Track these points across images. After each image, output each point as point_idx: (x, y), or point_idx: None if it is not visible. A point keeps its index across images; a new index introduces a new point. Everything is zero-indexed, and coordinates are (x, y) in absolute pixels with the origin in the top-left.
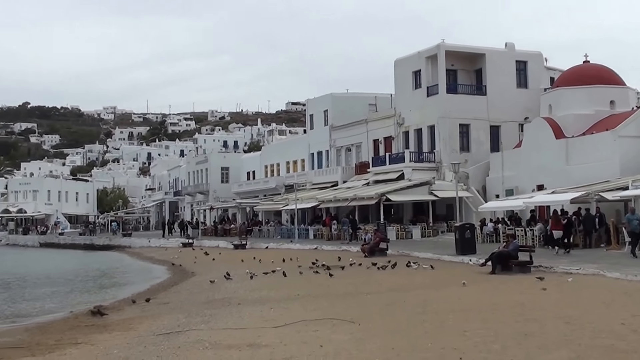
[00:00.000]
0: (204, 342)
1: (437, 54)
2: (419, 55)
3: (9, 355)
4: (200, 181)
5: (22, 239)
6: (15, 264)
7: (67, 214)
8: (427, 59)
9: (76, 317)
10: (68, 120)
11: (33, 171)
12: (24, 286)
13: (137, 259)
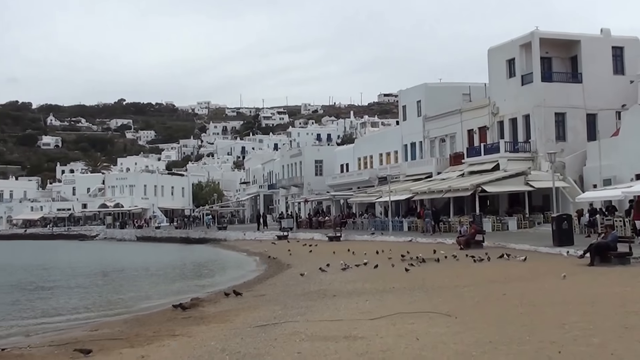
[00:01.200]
0: (300, 334)
1: (531, 41)
2: (512, 44)
3: (109, 346)
4: (294, 174)
5: (119, 233)
6: (114, 257)
7: (163, 208)
8: (521, 47)
9: (174, 310)
10: (163, 116)
11: (129, 166)
12: (123, 278)
13: (233, 251)
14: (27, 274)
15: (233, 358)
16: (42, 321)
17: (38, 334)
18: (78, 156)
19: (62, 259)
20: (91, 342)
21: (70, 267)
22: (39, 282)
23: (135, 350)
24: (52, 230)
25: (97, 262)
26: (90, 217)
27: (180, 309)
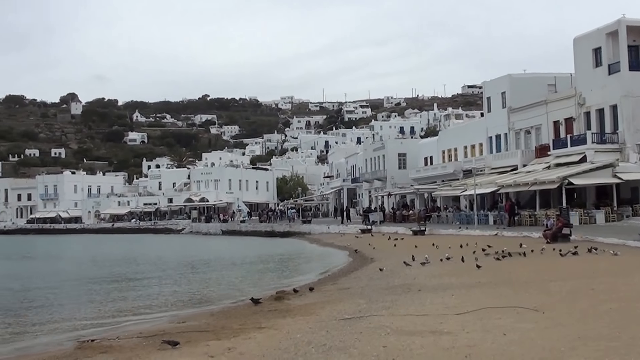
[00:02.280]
0: (385, 328)
1: (617, 30)
2: (598, 32)
3: (196, 338)
4: (378, 168)
5: (204, 227)
6: (200, 250)
7: (248, 202)
8: (607, 36)
9: (260, 302)
10: (247, 111)
11: (214, 161)
12: (210, 271)
13: (317, 245)
14: (116, 267)
15: (319, 351)
16: (131, 313)
17: (127, 325)
18: (163, 151)
19: (149, 252)
20: (178, 334)
21: (158, 260)
22: (128, 275)
23: (222, 343)
24: (139, 225)
25: (184, 255)
26: (176, 212)
27: (254, 303)
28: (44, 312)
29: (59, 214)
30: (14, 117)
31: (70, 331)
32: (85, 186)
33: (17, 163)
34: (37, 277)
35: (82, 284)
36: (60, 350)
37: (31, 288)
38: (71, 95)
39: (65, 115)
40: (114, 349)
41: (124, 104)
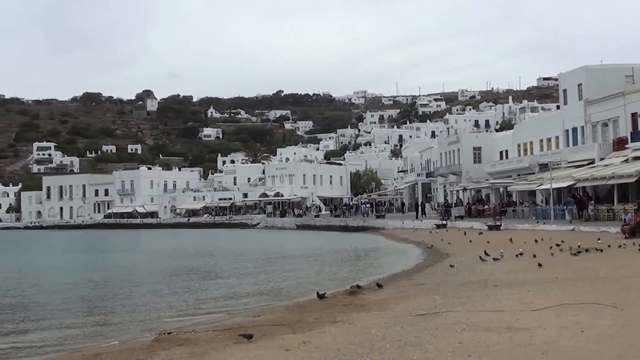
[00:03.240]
0: (461, 323)
1: None
2: None
3: (271, 331)
4: (452, 162)
5: (279, 222)
6: (275, 244)
7: (322, 197)
8: None
9: (334, 297)
10: (320, 106)
11: (288, 156)
12: (285, 265)
13: (391, 240)
14: (193, 261)
15: (394, 346)
16: (207, 306)
17: (203, 318)
18: (238, 147)
19: (225, 246)
20: (254, 327)
21: (234, 254)
22: (204, 268)
23: (297, 336)
24: (214, 219)
25: (259, 250)
26: (251, 206)
27: (319, 298)
28: (123, 305)
29: (135, 209)
30: (91, 115)
31: (147, 324)
32: (161, 181)
33: (95, 159)
34: (116, 270)
35: (160, 277)
36: (138, 342)
37: (111, 281)
38: (147, 92)
39: (141, 112)
40: (190, 342)
41: (198, 100)
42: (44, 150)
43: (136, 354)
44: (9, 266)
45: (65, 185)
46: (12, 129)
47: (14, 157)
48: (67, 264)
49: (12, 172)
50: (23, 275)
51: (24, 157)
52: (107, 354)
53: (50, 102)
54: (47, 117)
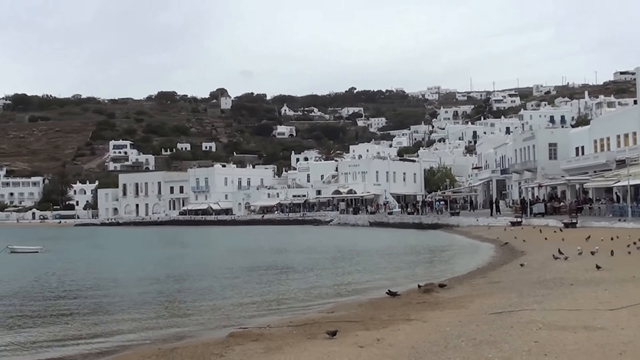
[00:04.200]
0: (537, 322)
1: None
2: None
3: (345, 328)
4: (527, 158)
5: (352, 219)
6: (349, 241)
7: (395, 194)
8: None
9: (408, 294)
10: (393, 103)
11: (361, 153)
12: (359, 262)
13: (466, 237)
14: (267, 257)
15: (469, 344)
16: (281, 301)
17: (277, 314)
18: (311, 144)
19: (299, 243)
20: (327, 323)
21: (308, 250)
22: (279, 265)
23: (371, 333)
24: (288, 216)
25: (333, 246)
26: (324, 203)
27: (391, 296)
28: (199, 300)
29: (210, 205)
30: (166, 113)
31: (222, 319)
32: (235, 179)
33: (170, 157)
34: (192, 266)
35: (235, 272)
36: (213, 337)
37: (188, 276)
38: (220, 90)
39: (215, 110)
40: (265, 337)
41: (272, 98)
42: (120, 148)
43: (211, 348)
44: (90, 261)
45: (141, 182)
46: (89, 128)
47: (90, 155)
48: (145, 259)
49: (89, 169)
50: (103, 269)
51: (101, 155)
52: (183, 349)
53: (125, 101)
54: (123, 115)
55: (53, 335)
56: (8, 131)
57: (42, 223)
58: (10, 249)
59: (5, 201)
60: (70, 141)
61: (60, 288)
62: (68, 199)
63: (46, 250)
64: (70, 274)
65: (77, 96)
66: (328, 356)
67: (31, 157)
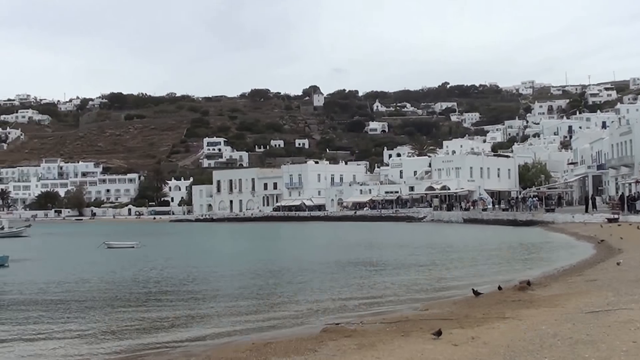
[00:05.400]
0: (635, 322)
1: None
2: None
3: (440, 326)
4: (625, 153)
5: (446, 215)
6: (442, 238)
7: (489, 190)
8: None
9: (502, 292)
10: (487, 98)
11: (455, 149)
12: (453, 259)
13: (561, 234)
14: (361, 252)
15: (565, 344)
16: (375, 298)
17: (370, 310)
18: (404, 140)
19: (393, 239)
20: (421, 321)
21: (401, 247)
22: (373, 260)
23: (465, 331)
24: (380, 213)
25: (426, 243)
26: (417, 200)
27: (475, 295)
28: (294, 295)
29: (303, 202)
30: (259, 110)
31: (316, 314)
32: (328, 175)
33: (263, 154)
34: (288, 261)
35: (329, 267)
36: (307, 333)
37: (284, 271)
38: (313, 87)
39: (307, 107)
40: (358, 334)
41: (364, 94)
42: (214, 145)
43: (305, 344)
44: (187, 256)
45: (235, 179)
46: (184, 125)
47: (185, 152)
48: (241, 254)
49: (184, 166)
50: (200, 264)
51: (195, 152)
52: (277, 343)
53: (219, 98)
54: (216, 113)
55: (150, 324)
56: (105, 129)
57: (138, 219)
58: (106, 245)
59: (102, 197)
60: (165, 139)
61: (159, 282)
62: (163, 196)
63: (142, 246)
64: (168, 268)
65: (172, 94)
66: (422, 354)
67: (127, 154)
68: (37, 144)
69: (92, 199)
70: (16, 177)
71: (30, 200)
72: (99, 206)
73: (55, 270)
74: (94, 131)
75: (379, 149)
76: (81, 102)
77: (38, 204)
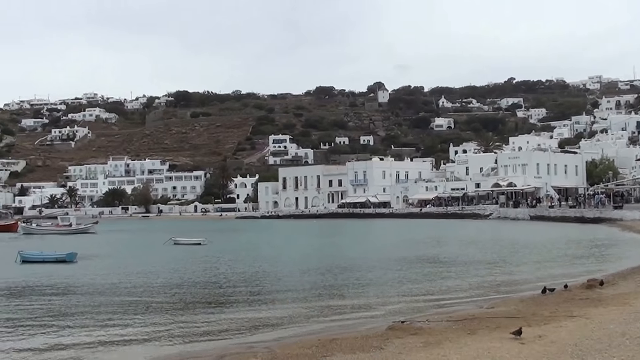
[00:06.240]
0: None
1: None
2: None
3: (506, 324)
4: None
5: (512, 212)
6: (509, 235)
7: (556, 187)
8: None
9: (570, 290)
10: (553, 93)
11: (521, 145)
12: (521, 256)
13: (629, 232)
14: (429, 249)
15: (634, 343)
16: (441, 295)
17: (436, 308)
18: (470, 136)
19: (460, 236)
20: (487, 319)
21: (470, 243)
22: (439, 258)
23: (532, 330)
24: (446, 210)
25: (494, 240)
26: (483, 196)
27: (543, 292)
28: (361, 291)
29: (368, 199)
30: (324, 107)
31: (382, 311)
32: (393, 172)
33: (328, 151)
34: (355, 258)
35: (396, 264)
36: (372, 330)
37: (350, 267)
38: (377, 84)
39: (372, 104)
40: (424, 332)
41: (429, 90)
42: (279, 142)
43: (370, 341)
44: (254, 253)
45: (300, 176)
46: (249, 123)
47: (251, 149)
48: (309, 251)
49: (250, 164)
50: (267, 260)
51: (261, 149)
52: (343, 340)
53: (284, 96)
54: (282, 110)
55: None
56: (171, 127)
57: (204, 216)
58: (173, 241)
59: (169, 195)
60: (231, 136)
61: (227, 279)
62: (229, 193)
63: (208, 242)
64: (235, 265)
65: (237, 92)
66: (489, 352)
67: (193, 151)
68: (105, 142)
69: (158, 196)
70: (84, 175)
71: (97, 197)
72: (166, 203)
73: (124, 267)
74: (160, 129)
75: (444, 146)
76: (147, 100)
77: (105, 201)
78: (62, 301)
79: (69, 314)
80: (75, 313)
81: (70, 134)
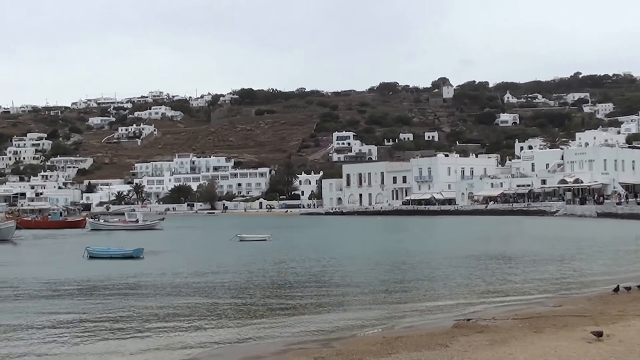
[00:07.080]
0: None
1: None
2: None
3: (573, 323)
4: None
5: (579, 209)
6: (574, 232)
7: (624, 183)
8: None
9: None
10: (621, 87)
11: (588, 141)
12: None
13: None
14: (494, 246)
15: None
16: (508, 293)
17: (502, 305)
18: (535, 132)
19: (526, 232)
20: (554, 317)
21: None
22: (506, 254)
23: (600, 329)
24: (512, 206)
25: (560, 237)
26: (549, 193)
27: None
28: (427, 289)
29: (433, 195)
30: (388, 104)
31: (447, 308)
32: (458, 168)
33: (392, 147)
34: (422, 254)
35: (463, 261)
36: (438, 327)
37: (418, 263)
38: (442, 79)
39: (437, 100)
40: (490, 329)
41: (494, 85)
42: (343, 139)
43: (436, 339)
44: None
45: (364, 172)
46: (313, 120)
47: (315, 146)
48: (376, 248)
49: (314, 160)
50: (334, 257)
51: (325, 146)
52: (408, 338)
53: (348, 93)
54: (345, 107)
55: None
56: (236, 124)
57: (269, 212)
58: (239, 238)
59: (234, 191)
60: (295, 133)
61: (296, 275)
62: (293, 189)
63: (274, 239)
64: (302, 261)
65: (301, 89)
66: (555, 351)
67: (258, 148)
68: (170, 139)
69: (223, 193)
70: (150, 172)
71: (163, 194)
72: (231, 200)
73: (190, 262)
74: (225, 126)
75: (510, 141)
76: (212, 98)
77: (171, 197)
78: (128, 302)
79: (134, 317)
80: (142, 315)
81: (137, 132)
